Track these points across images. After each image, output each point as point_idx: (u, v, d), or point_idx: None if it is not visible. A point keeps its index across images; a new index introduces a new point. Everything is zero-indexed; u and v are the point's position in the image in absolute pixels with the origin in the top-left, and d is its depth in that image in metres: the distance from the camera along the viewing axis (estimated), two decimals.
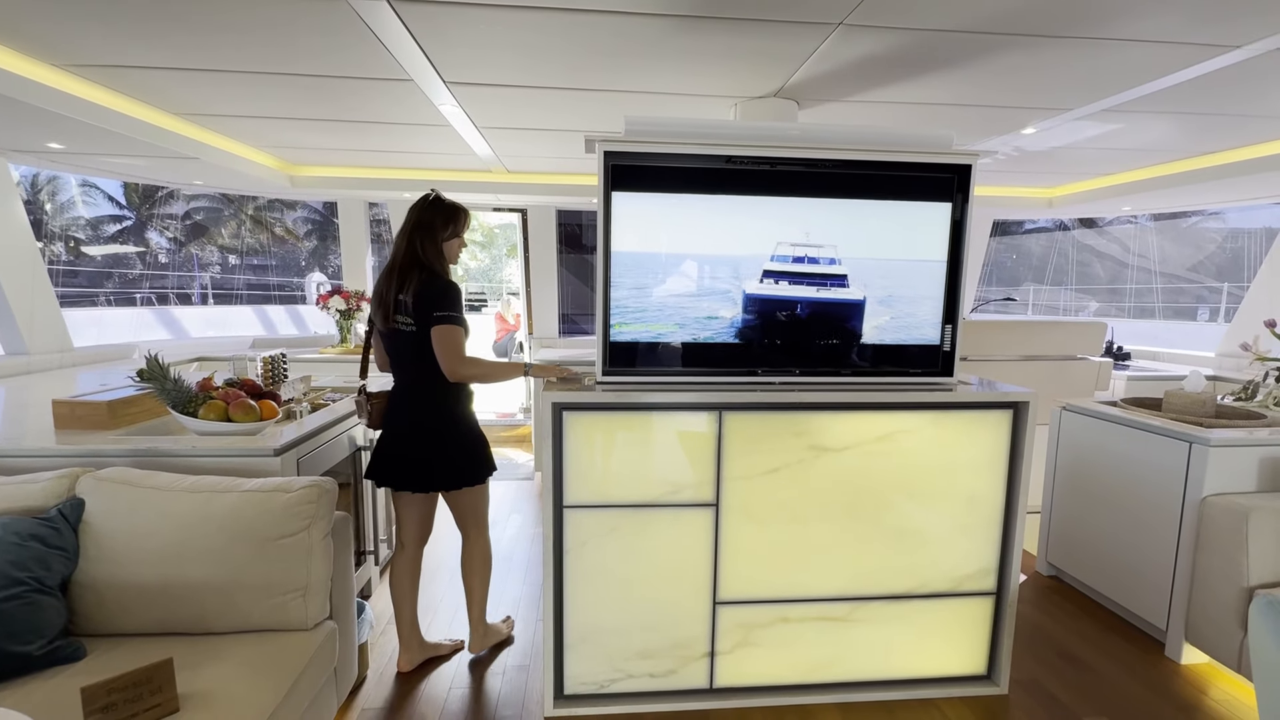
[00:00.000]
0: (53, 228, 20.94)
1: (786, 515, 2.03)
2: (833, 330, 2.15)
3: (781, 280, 2.14)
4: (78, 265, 21.04)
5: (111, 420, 2.07)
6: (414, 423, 2.08)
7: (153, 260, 22.68)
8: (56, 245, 20.92)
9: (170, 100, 2.56)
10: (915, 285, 2.14)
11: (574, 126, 2.84)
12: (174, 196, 22.57)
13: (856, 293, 2.12)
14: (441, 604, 2.72)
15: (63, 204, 21.13)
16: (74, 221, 21.48)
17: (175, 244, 23.16)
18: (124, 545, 1.59)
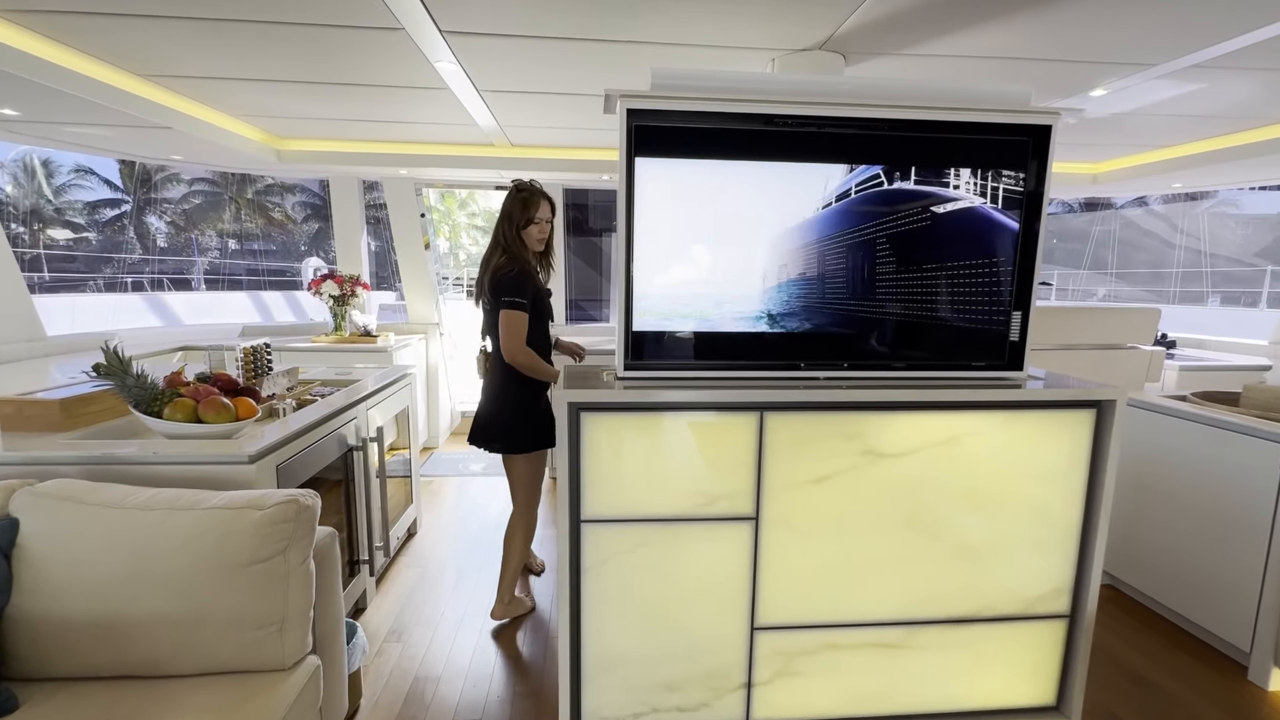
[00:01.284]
0: (48, 212, 20.64)
1: (835, 529, 1.78)
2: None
3: None
4: (75, 250, 20.77)
5: (65, 421, 1.82)
6: (488, 385, 2.31)
7: (151, 244, 22.39)
8: (54, 229, 20.64)
9: (134, 59, 2.28)
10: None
11: (585, 89, 2.55)
12: (173, 180, 22.21)
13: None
14: (446, 612, 2.49)
15: (58, 188, 20.81)
16: (69, 205, 21.17)
17: (174, 228, 22.85)
18: (65, 574, 1.35)
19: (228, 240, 23.20)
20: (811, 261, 1.85)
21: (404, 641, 2.31)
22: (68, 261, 20.14)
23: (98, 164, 20.82)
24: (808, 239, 1.83)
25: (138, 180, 21.50)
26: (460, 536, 3.23)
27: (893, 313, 1.86)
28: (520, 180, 2.20)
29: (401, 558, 2.97)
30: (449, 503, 3.68)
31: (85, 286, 16.92)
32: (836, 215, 1.82)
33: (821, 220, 1.82)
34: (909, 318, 1.87)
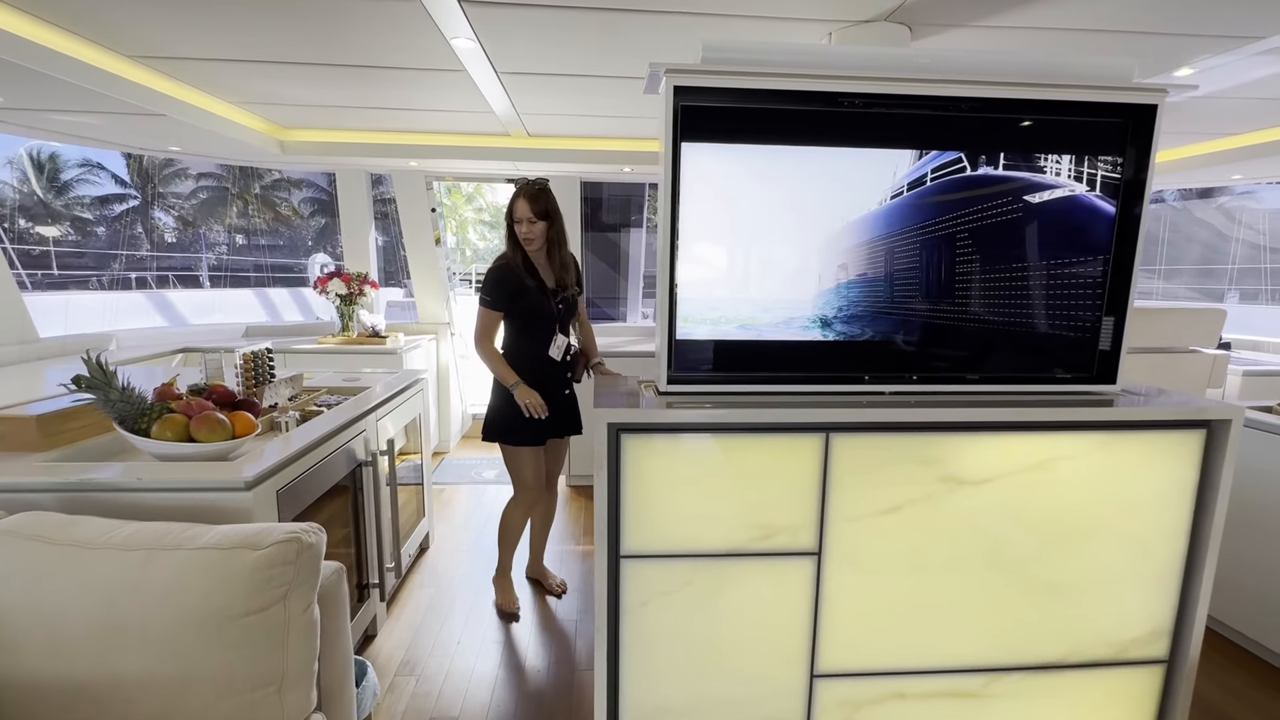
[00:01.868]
0: (57, 207, 20.61)
1: (907, 565, 1.57)
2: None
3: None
4: (84, 246, 20.75)
5: (43, 439, 1.63)
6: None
7: (159, 240, 22.35)
8: (54, 226, 20.60)
9: (121, 38, 2.08)
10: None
11: (613, 69, 2.34)
12: (180, 176, 22.13)
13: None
14: (462, 640, 2.29)
15: (65, 183, 20.76)
16: (77, 201, 21.14)
17: (181, 224, 22.80)
18: (29, 627, 1.15)
19: (235, 236, 23.12)
20: (878, 260, 1.63)
21: (418, 675, 2.12)
22: (76, 257, 20.11)
23: (106, 159, 20.77)
24: (874, 234, 1.62)
25: (145, 175, 21.44)
26: (476, 550, 3.04)
27: (971, 318, 1.64)
28: (522, 178, 2.27)
29: (413, 576, 2.78)
30: (462, 513, 3.49)
31: (90, 283, 16.86)
32: (908, 207, 1.60)
33: (890, 213, 1.60)
34: (988, 323, 1.65)
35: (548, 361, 2.29)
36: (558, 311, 2.28)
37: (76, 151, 20.39)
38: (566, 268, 2.29)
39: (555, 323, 2.28)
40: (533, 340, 2.27)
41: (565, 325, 2.33)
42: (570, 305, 2.34)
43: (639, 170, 3.83)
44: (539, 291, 2.22)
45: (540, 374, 2.29)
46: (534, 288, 2.21)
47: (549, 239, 2.22)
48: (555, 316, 2.27)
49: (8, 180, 19.60)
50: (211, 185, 22.36)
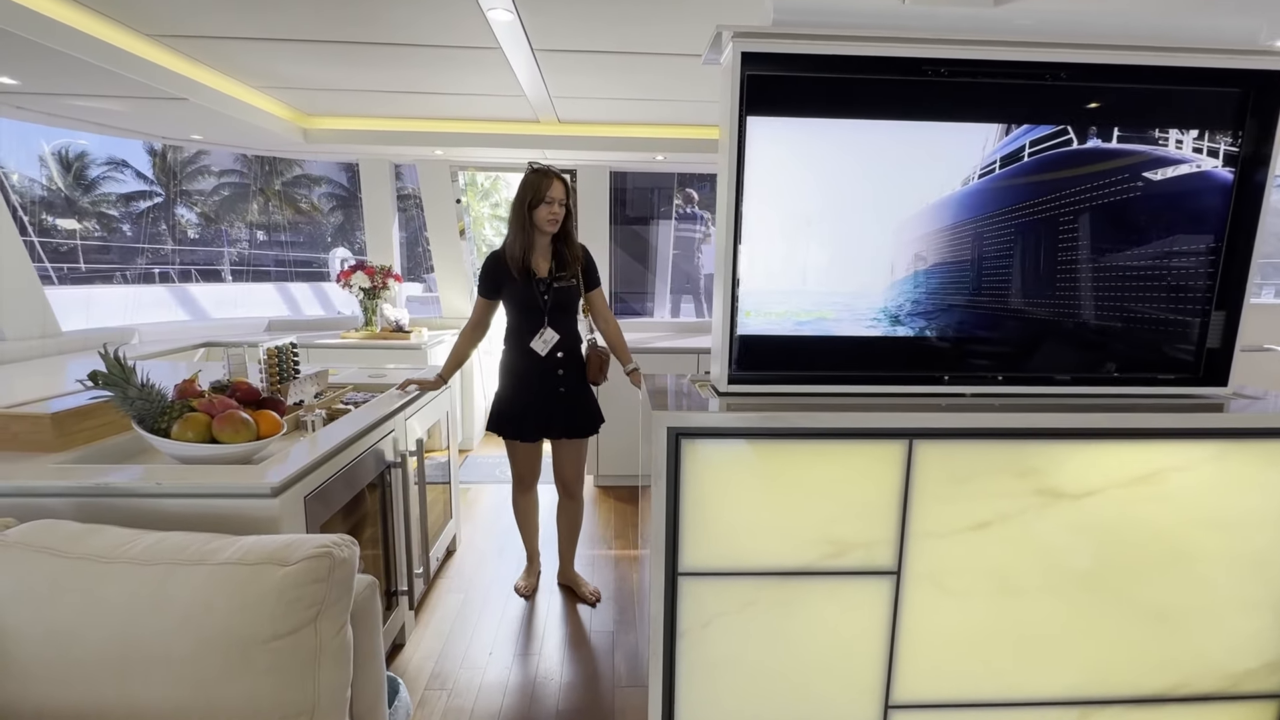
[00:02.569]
0: (84, 204, 20.94)
1: (996, 586, 1.41)
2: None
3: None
4: (110, 242, 21.06)
5: (58, 439, 1.53)
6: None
7: (183, 236, 22.63)
8: (89, 221, 20.95)
9: (140, 15, 1.98)
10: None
11: (656, 45, 2.19)
12: (203, 172, 22.37)
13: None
14: (494, 651, 2.17)
15: (92, 180, 21.08)
16: (103, 198, 21.45)
17: (204, 220, 23.06)
18: (38, 651, 1.04)
19: (256, 231, 23.34)
20: (961, 246, 1.47)
21: (449, 689, 2.00)
22: (102, 252, 20.42)
23: (131, 156, 21.04)
24: (957, 218, 1.45)
25: (169, 173, 21.69)
26: (504, 554, 2.93)
27: (1065, 312, 1.47)
28: (536, 162, 2.18)
29: (441, 581, 2.67)
30: (488, 513, 3.38)
31: (114, 278, 17.10)
32: (999, 186, 1.43)
33: (977, 193, 1.44)
34: (1085, 318, 1.48)
35: (529, 356, 2.20)
36: (544, 304, 2.17)
37: (103, 150, 20.67)
38: (566, 260, 2.20)
39: (543, 315, 2.18)
40: (518, 331, 2.23)
41: (558, 319, 2.21)
42: (565, 296, 2.20)
43: (672, 159, 3.68)
44: (525, 282, 2.17)
45: (524, 366, 2.23)
46: (520, 278, 2.16)
47: (561, 229, 2.18)
48: (541, 309, 2.18)
49: (36, 178, 19.93)
50: (234, 182, 22.57)
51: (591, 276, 2.28)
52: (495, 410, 2.33)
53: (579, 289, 2.24)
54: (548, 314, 2.19)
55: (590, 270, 2.28)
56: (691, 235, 5.70)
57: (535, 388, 2.25)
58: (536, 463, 2.43)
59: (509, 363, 2.28)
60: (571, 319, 2.27)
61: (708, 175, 5.00)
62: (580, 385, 2.32)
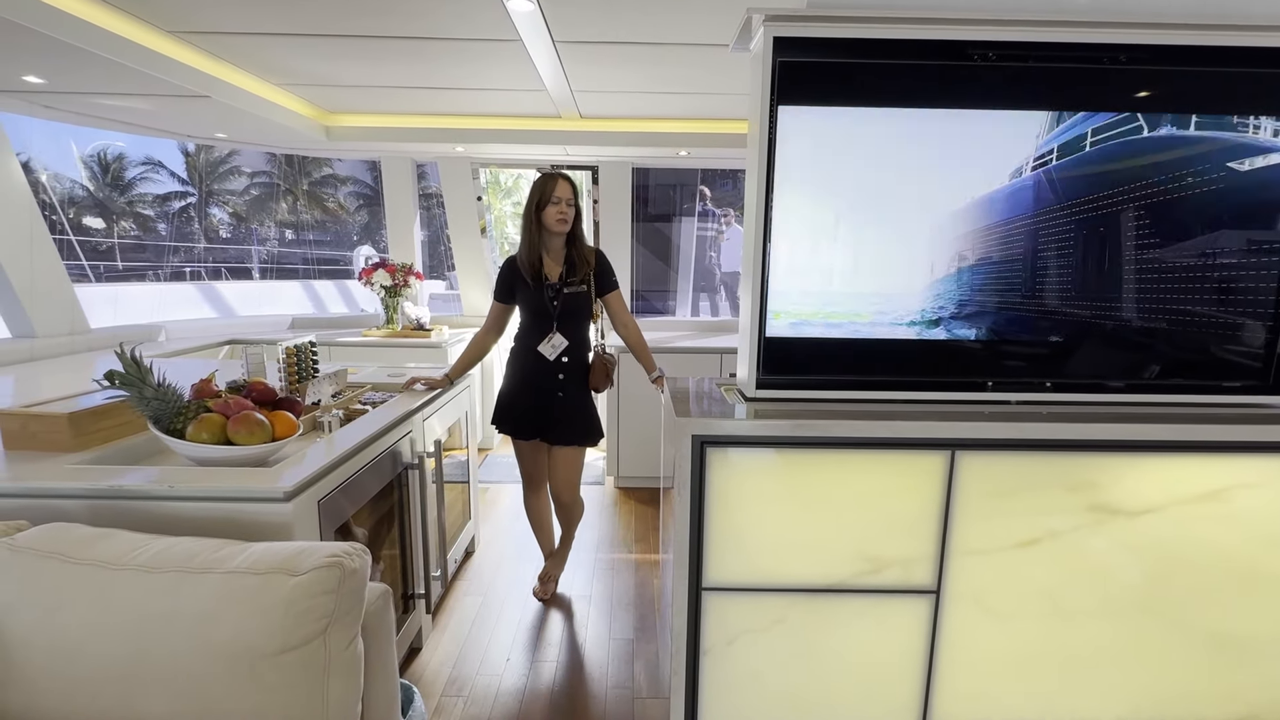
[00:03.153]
0: (121, 204, 21.55)
1: (1044, 608, 1.32)
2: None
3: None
4: (145, 241, 21.64)
5: (73, 439, 1.51)
6: None
7: (215, 235, 23.18)
8: (125, 221, 21.57)
9: (161, 11, 1.96)
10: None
11: (680, 35, 2.12)
12: (234, 173, 22.86)
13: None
14: (512, 658, 2.13)
15: (129, 181, 21.69)
16: (139, 198, 22.05)
17: (235, 219, 23.57)
18: (44, 661, 1.02)
19: (285, 230, 23.79)
20: (1011, 244, 1.37)
21: (465, 696, 1.96)
22: (138, 251, 21.00)
23: (166, 157, 21.59)
24: (1007, 213, 1.36)
25: (202, 173, 22.22)
26: (523, 556, 2.88)
27: (1128, 314, 1.37)
28: (543, 169, 2.12)
29: (459, 583, 2.64)
30: (508, 514, 3.35)
31: (147, 275, 17.56)
32: (1056, 179, 1.33)
33: (1029, 187, 1.34)
34: (1144, 321, 1.37)
35: (535, 357, 2.21)
36: (553, 309, 2.17)
37: (139, 151, 21.23)
38: (576, 264, 2.19)
39: (551, 320, 2.18)
40: (528, 333, 2.25)
41: (567, 324, 2.20)
42: (575, 302, 2.19)
43: (696, 154, 3.60)
44: (535, 288, 2.18)
45: (527, 366, 2.25)
46: (530, 282, 2.17)
47: (570, 232, 2.17)
48: (551, 314, 2.18)
49: (76, 179, 20.54)
50: (263, 182, 23.04)
51: (606, 280, 2.25)
52: (497, 404, 2.35)
53: (590, 294, 2.21)
54: (556, 319, 2.18)
55: (604, 273, 2.24)
56: (704, 233, 5.63)
57: (535, 388, 2.25)
58: (542, 463, 2.41)
59: (515, 360, 2.30)
60: (582, 325, 2.26)
61: (730, 171, 4.91)
62: (580, 392, 2.29)
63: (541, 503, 2.51)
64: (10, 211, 2.67)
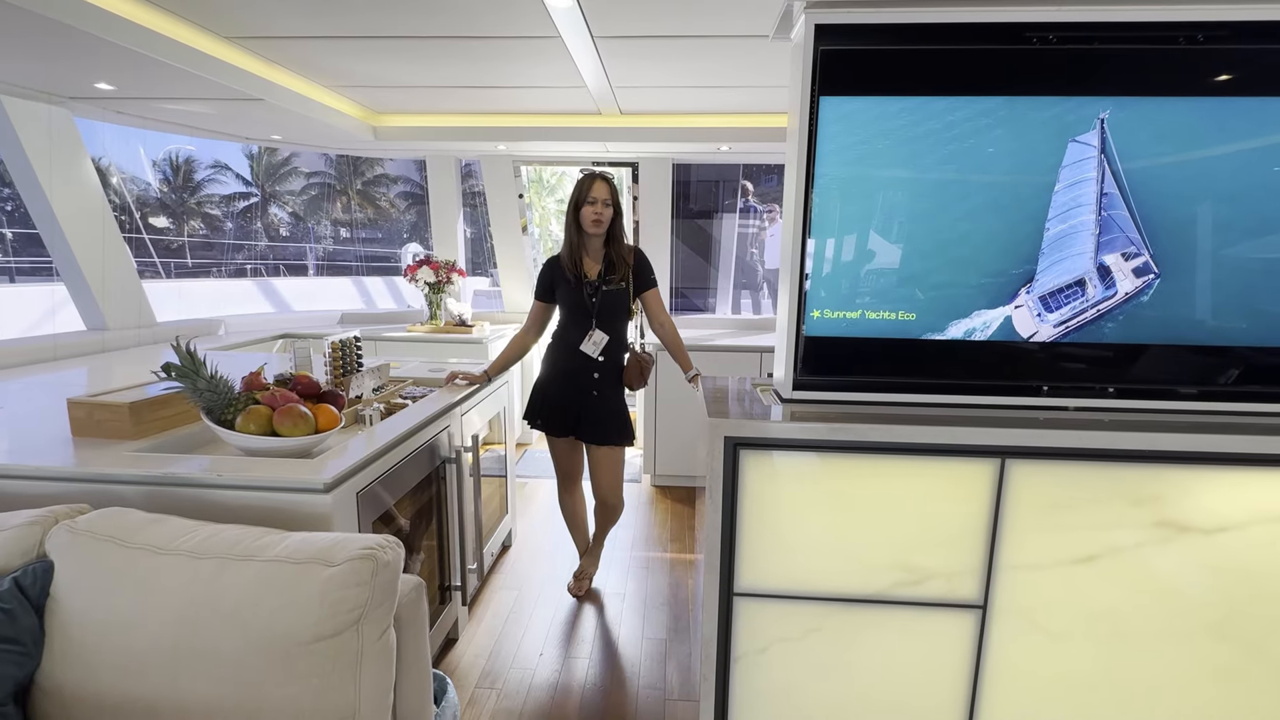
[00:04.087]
0: (190, 204, 22.81)
1: (1103, 629, 1.23)
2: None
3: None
4: (212, 239, 22.84)
5: (134, 427, 1.59)
6: None
7: (276, 233, 24.28)
8: (194, 221, 22.83)
9: (219, 18, 2.04)
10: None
11: (719, 28, 2.08)
12: (293, 174, 23.89)
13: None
14: (544, 652, 2.14)
15: (198, 183, 22.93)
16: (207, 199, 23.29)
17: (294, 218, 24.63)
18: (98, 640, 1.07)
19: (339, 228, 24.71)
20: (1074, 240, 1.29)
21: (499, 688, 1.99)
22: (206, 249, 22.18)
23: (232, 160, 22.72)
24: (1066, 205, 1.27)
25: (264, 175, 23.29)
26: (558, 551, 2.90)
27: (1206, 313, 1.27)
28: (589, 169, 2.19)
29: (495, 576, 2.67)
30: (544, 509, 3.38)
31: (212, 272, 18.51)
32: (1123, 168, 1.24)
33: (1092, 179, 1.25)
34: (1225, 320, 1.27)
35: (572, 354, 2.23)
36: (592, 306, 2.18)
37: (208, 154, 22.41)
38: (617, 259, 2.20)
39: (590, 318, 2.20)
40: (566, 330, 2.26)
41: (606, 322, 2.21)
42: (613, 300, 2.20)
43: (737, 149, 3.54)
44: (575, 286, 2.20)
45: (562, 362, 2.26)
46: (571, 281, 2.19)
47: (608, 227, 2.17)
48: (590, 312, 2.19)
49: (149, 180, 21.82)
50: (319, 182, 23.98)
51: (645, 278, 2.25)
52: (531, 399, 2.36)
53: (628, 292, 2.22)
54: (595, 317, 2.20)
55: (643, 272, 2.25)
56: (746, 229, 5.54)
57: (569, 385, 2.26)
58: (577, 460, 2.42)
59: (551, 356, 2.32)
60: (620, 323, 2.26)
61: (774, 166, 4.81)
62: (614, 391, 2.29)
63: (576, 500, 2.51)
64: (85, 212, 2.84)
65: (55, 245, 2.81)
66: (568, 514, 2.54)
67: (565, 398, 2.27)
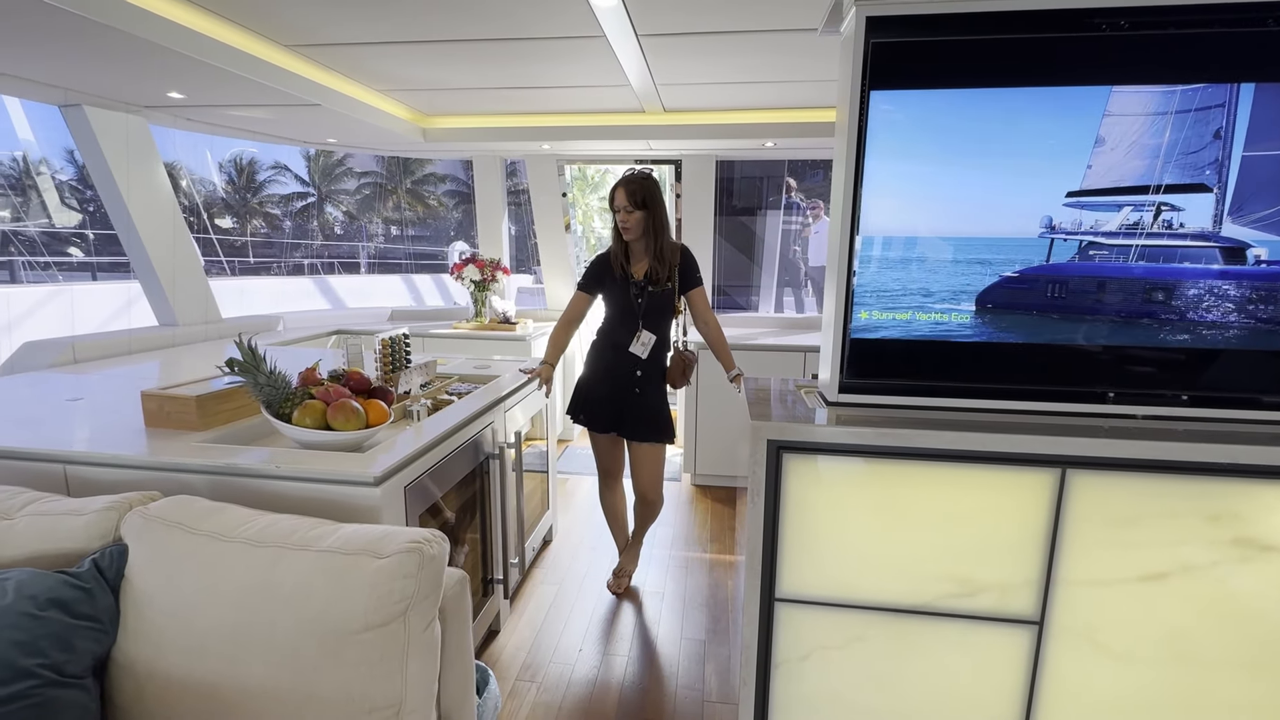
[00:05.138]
0: (253, 204, 23.96)
1: (1172, 651, 1.16)
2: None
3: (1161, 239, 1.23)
4: (272, 238, 23.93)
5: (200, 419, 1.68)
6: None
7: (329, 232, 25.26)
8: (256, 220, 23.97)
9: (279, 26, 2.14)
10: None
11: (765, 21, 2.04)
12: (347, 174, 24.80)
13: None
14: (584, 648, 2.16)
15: (260, 184, 24.06)
16: (268, 198, 24.40)
17: (348, 217, 25.56)
18: (166, 620, 1.13)
19: (390, 227, 25.51)
20: (1138, 236, 1.21)
21: (539, 682, 2.02)
22: (266, 247, 23.26)
23: (291, 162, 23.74)
24: (1134, 200, 1.20)
25: (319, 174, 24.26)
26: (599, 547, 2.93)
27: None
28: (630, 168, 2.21)
29: (536, 571, 2.71)
30: (585, 505, 3.41)
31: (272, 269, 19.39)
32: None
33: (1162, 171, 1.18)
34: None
35: (617, 353, 2.25)
36: (639, 307, 2.19)
37: (268, 156, 23.47)
38: (662, 259, 2.19)
39: (636, 318, 2.21)
40: (611, 328, 2.28)
41: (653, 322, 2.22)
42: (659, 300, 2.20)
43: (782, 144, 3.48)
44: (622, 285, 2.21)
45: (607, 359, 2.28)
46: (618, 281, 2.21)
47: (645, 229, 2.17)
48: (636, 312, 2.21)
49: (216, 182, 22.99)
50: (371, 182, 24.80)
51: (690, 276, 2.25)
52: (575, 395, 2.40)
53: (673, 291, 2.22)
54: (642, 317, 2.21)
55: (689, 270, 2.25)
56: (790, 226, 5.44)
57: (613, 382, 2.28)
58: (618, 456, 2.44)
59: (595, 352, 2.34)
60: (665, 322, 2.27)
61: (820, 161, 4.71)
62: (656, 390, 2.30)
63: (617, 497, 2.53)
64: (158, 213, 3.01)
65: (131, 245, 2.99)
66: (608, 511, 2.55)
67: (608, 395, 2.29)
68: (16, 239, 12.21)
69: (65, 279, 10.37)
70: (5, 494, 1.32)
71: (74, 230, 16.58)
